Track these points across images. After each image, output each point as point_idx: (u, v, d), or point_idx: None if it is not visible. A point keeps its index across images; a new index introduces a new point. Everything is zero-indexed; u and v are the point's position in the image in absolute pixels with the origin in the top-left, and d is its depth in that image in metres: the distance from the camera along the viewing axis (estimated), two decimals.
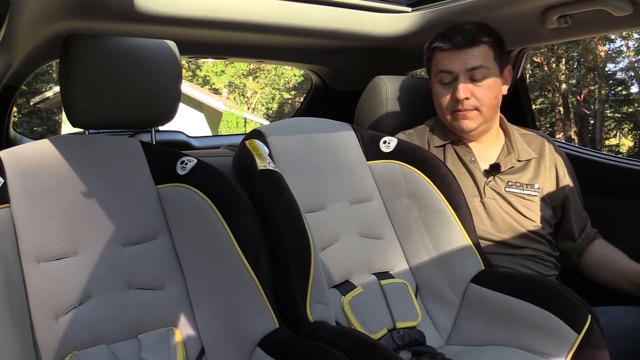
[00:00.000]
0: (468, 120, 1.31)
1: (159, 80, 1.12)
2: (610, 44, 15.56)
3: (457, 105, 1.30)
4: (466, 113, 1.30)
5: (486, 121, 1.33)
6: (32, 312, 0.90)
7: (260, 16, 1.35)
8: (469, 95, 1.28)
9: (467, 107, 1.29)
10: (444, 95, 1.33)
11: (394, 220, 1.29)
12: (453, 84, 1.31)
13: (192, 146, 2.00)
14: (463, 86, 1.28)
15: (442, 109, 1.35)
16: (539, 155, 1.37)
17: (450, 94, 1.31)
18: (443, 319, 1.20)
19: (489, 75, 1.29)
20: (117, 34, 1.14)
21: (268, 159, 1.13)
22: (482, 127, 1.33)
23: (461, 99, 1.28)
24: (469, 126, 1.32)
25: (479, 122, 1.32)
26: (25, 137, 1.92)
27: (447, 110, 1.33)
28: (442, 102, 1.34)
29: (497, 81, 1.32)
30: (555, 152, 1.39)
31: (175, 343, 0.98)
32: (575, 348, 0.98)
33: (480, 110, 1.30)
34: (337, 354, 0.86)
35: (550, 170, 1.36)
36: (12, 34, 1.03)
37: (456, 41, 1.29)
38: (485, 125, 1.34)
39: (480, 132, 1.35)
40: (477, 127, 1.32)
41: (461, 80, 1.29)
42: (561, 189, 1.36)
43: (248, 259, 0.98)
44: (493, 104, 1.32)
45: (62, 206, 0.98)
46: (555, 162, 1.38)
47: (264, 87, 17.02)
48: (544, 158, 1.37)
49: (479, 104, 1.29)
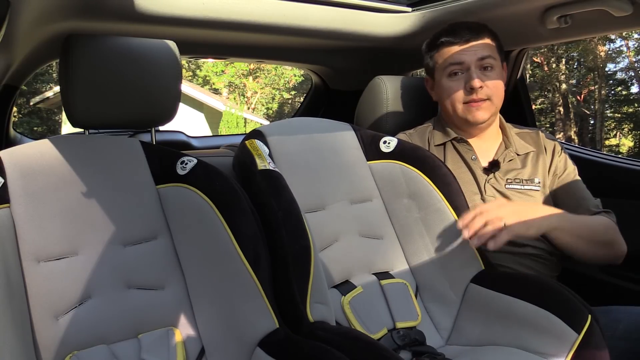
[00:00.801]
0: (482, 111, 1.32)
1: (159, 80, 1.12)
2: (610, 44, 15.57)
3: (471, 94, 1.31)
4: (480, 104, 1.32)
5: (495, 112, 1.36)
6: (32, 312, 0.90)
7: (260, 16, 1.35)
8: (482, 83, 1.31)
9: (480, 96, 1.31)
10: (454, 88, 1.34)
11: (394, 220, 1.29)
12: (464, 75, 1.32)
13: (192, 146, 2.00)
14: (477, 74, 1.31)
15: (453, 102, 1.35)
16: (536, 148, 1.38)
17: (463, 85, 1.32)
18: (443, 319, 1.20)
19: (496, 66, 1.33)
20: (117, 34, 1.14)
21: (268, 159, 1.13)
22: (490, 119, 1.35)
23: (477, 87, 1.30)
24: (483, 117, 1.33)
25: (491, 112, 1.33)
26: (25, 137, 1.92)
27: (460, 102, 1.34)
28: (453, 95, 1.34)
29: (501, 73, 1.35)
30: (551, 140, 1.40)
31: (175, 343, 0.98)
32: (575, 348, 0.98)
33: (492, 100, 1.32)
34: (337, 354, 0.86)
35: (548, 159, 1.37)
36: (12, 34, 1.03)
37: (464, 34, 1.32)
38: (493, 117, 1.36)
39: (488, 125, 1.37)
40: (489, 117, 1.34)
41: (473, 70, 1.31)
42: (560, 175, 1.36)
43: (248, 259, 0.98)
44: (501, 94, 1.35)
45: (62, 206, 0.98)
46: (553, 149, 1.38)
47: (264, 87, 17.03)
48: (541, 149, 1.38)
49: (491, 92, 1.32)
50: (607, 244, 1.25)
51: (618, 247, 1.27)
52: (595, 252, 1.25)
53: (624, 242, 1.28)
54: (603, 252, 1.26)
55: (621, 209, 1.37)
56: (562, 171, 1.36)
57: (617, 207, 1.35)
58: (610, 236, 1.26)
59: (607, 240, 1.25)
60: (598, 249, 1.25)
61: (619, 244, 1.27)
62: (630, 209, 1.22)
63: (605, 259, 1.28)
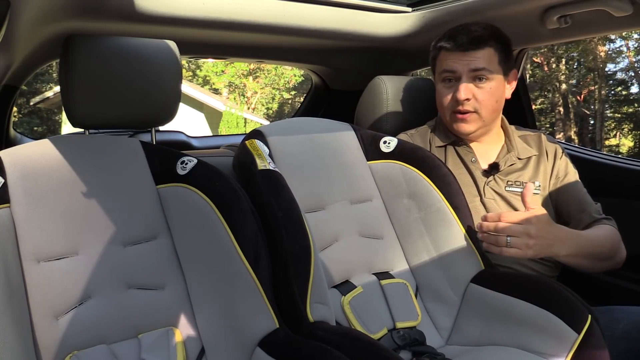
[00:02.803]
0: (466, 124, 1.31)
1: (159, 80, 1.12)
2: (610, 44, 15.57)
3: (457, 105, 1.30)
4: (465, 116, 1.30)
5: (485, 125, 1.33)
6: (32, 312, 0.90)
7: (260, 16, 1.35)
8: (469, 96, 1.28)
9: (467, 108, 1.29)
10: (445, 95, 1.33)
11: (394, 220, 1.29)
12: (455, 84, 1.30)
13: (192, 146, 2.00)
14: (465, 86, 1.28)
15: (442, 108, 1.35)
16: (538, 152, 1.37)
17: (452, 94, 1.31)
18: (443, 319, 1.20)
19: (491, 78, 1.29)
20: (117, 34, 1.14)
21: (268, 159, 1.13)
22: (480, 131, 1.33)
23: (461, 100, 1.28)
24: (466, 129, 1.32)
25: (477, 126, 1.32)
26: (25, 137, 1.92)
27: (448, 110, 1.33)
28: (443, 102, 1.34)
29: (500, 85, 1.31)
30: (552, 143, 1.39)
31: (175, 343, 0.98)
32: (575, 348, 0.98)
33: (480, 113, 1.30)
34: (337, 354, 0.86)
35: (549, 163, 1.36)
36: (12, 34, 1.03)
37: (461, 42, 1.28)
38: (484, 128, 1.34)
39: (479, 135, 1.35)
40: (475, 130, 1.32)
41: (463, 81, 1.29)
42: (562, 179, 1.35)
43: (248, 259, 0.98)
44: (493, 107, 1.31)
45: (62, 206, 0.98)
46: (554, 152, 1.37)
47: (264, 87, 17.02)
48: (542, 152, 1.37)
49: (479, 106, 1.29)
50: (610, 257, 1.26)
51: (619, 256, 1.27)
52: (599, 267, 1.26)
53: (624, 248, 1.28)
54: (606, 265, 1.26)
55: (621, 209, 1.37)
56: (564, 175, 1.35)
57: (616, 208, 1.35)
58: (614, 249, 1.26)
59: (611, 254, 1.25)
60: (602, 264, 1.25)
61: (620, 252, 1.27)
62: (630, 209, 1.21)
63: (606, 269, 1.28)
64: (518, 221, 1.08)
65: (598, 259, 1.23)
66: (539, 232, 1.09)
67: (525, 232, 1.08)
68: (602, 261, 1.25)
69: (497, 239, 1.09)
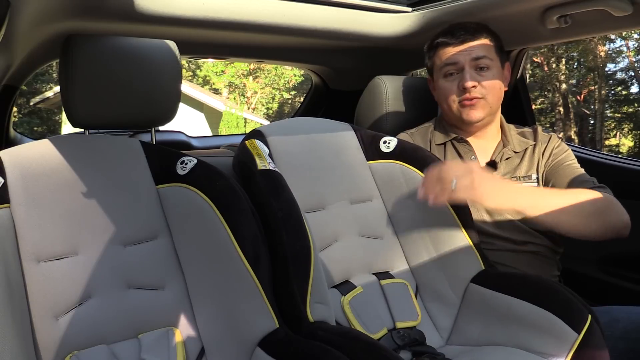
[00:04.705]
0: (475, 110, 1.33)
1: (159, 80, 1.12)
2: (610, 44, 15.56)
3: (464, 93, 1.32)
4: (473, 102, 1.32)
5: (492, 112, 1.35)
6: (32, 312, 0.90)
7: (260, 16, 1.35)
8: (475, 83, 1.31)
9: (474, 94, 1.31)
10: (449, 88, 1.35)
11: (394, 220, 1.29)
12: (459, 75, 1.33)
13: (192, 146, 2.01)
14: (470, 74, 1.32)
15: (448, 101, 1.36)
16: (534, 141, 1.38)
17: (457, 84, 1.33)
18: (443, 319, 1.20)
19: (492, 67, 1.33)
20: (117, 34, 1.14)
21: (268, 159, 1.13)
22: (487, 119, 1.35)
23: (469, 87, 1.31)
24: (476, 116, 1.33)
25: (485, 112, 1.33)
26: (25, 137, 1.93)
27: (454, 101, 1.35)
28: (448, 95, 1.35)
29: (500, 73, 1.36)
30: (547, 133, 1.40)
31: (175, 343, 0.98)
32: (575, 348, 0.98)
33: (487, 99, 1.32)
34: (337, 354, 0.86)
35: (544, 145, 1.37)
36: (12, 34, 1.04)
37: (460, 35, 1.33)
38: (490, 116, 1.36)
39: (484, 124, 1.37)
40: (484, 117, 1.34)
41: (467, 70, 1.32)
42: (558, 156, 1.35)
43: (248, 259, 0.98)
44: (498, 94, 1.35)
45: (62, 206, 0.98)
46: (549, 137, 1.38)
47: (264, 87, 17.02)
48: (538, 141, 1.38)
49: (485, 91, 1.32)
50: (597, 214, 1.17)
51: (615, 217, 1.18)
52: (586, 225, 1.16)
53: (624, 212, 1.19)
54: (596, 224, 1.17)
55: None
56: (558, 152, 1.35)
57: None
58: (601, 206, 1.17)
59: (596, 210, 1.17)
60: (588, 221, 1.16)
61: (614, 212, 1.19)
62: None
63: (602, 232, 1.18)
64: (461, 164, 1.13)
65: (581, 214, 1.15)
66: (483, 172, 1.13)
67: (468, 170, 1.11)
68: (590, 218, 1.16)
69: (443, 186, 1.10)
